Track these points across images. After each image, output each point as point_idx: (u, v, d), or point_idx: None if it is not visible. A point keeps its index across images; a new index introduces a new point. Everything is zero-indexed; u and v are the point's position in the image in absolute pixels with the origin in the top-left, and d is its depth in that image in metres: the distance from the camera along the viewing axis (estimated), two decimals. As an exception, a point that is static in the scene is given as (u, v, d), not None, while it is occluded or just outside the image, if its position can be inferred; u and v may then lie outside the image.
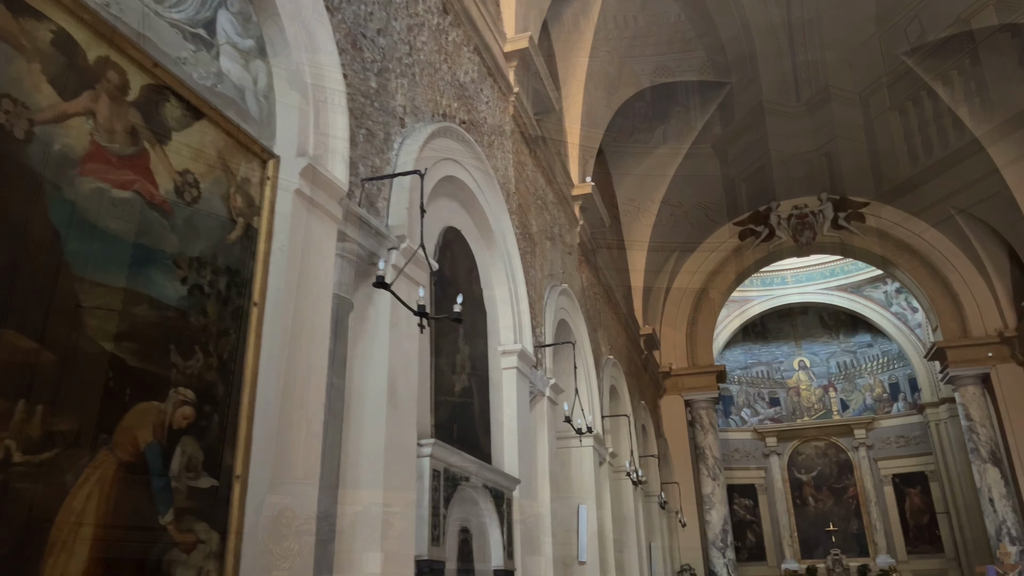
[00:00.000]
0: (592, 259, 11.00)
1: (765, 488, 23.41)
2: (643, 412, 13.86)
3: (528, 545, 5.89)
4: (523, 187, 7.51)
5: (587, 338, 9.11)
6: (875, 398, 23.56)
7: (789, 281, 23.40)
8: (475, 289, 5.80)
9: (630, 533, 11.08)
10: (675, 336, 18.47)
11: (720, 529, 16.65)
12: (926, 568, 21.35)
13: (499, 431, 5.87)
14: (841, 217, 17.91)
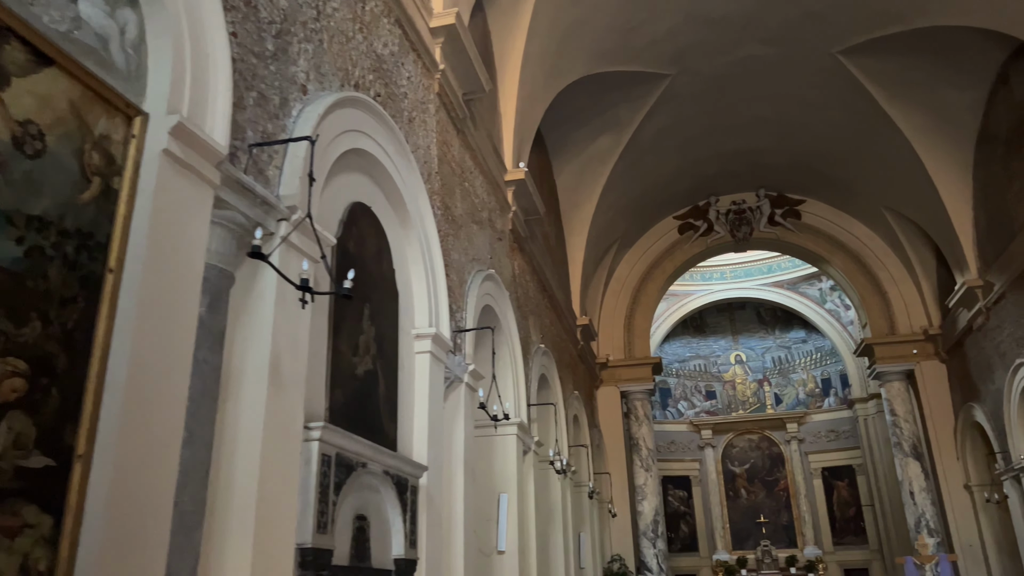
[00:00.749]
0: (526, 247, 10.87)
1: (699, 480, 23.76)
2: (576, 402, 13.83)
3: (436, 534, 5.72)
4: (448, 168, 7.31)
5: (515, 325, 8.98)
6: (808, 393, 24.10)
7: (728, 276, 23.73)
8: (386, 269, 5.59)
9: (556, 523, 11.02)
10: (613, 328, 18.51)
11: (651, 520, 16.78)
12: (851, 559, 21.98)
13: (408, 417, 5.69)
14: (778, 214, 18.17)
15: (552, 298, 12.74)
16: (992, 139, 12.83)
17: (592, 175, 15.14)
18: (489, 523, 8.23)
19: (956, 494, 15.66)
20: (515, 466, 8.45)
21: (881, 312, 17.22)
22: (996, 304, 13.38)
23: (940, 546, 15.46)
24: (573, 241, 15.67)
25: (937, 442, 16.01)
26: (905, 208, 15.90)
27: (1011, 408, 13.00)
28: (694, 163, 16.73)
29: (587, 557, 13.70)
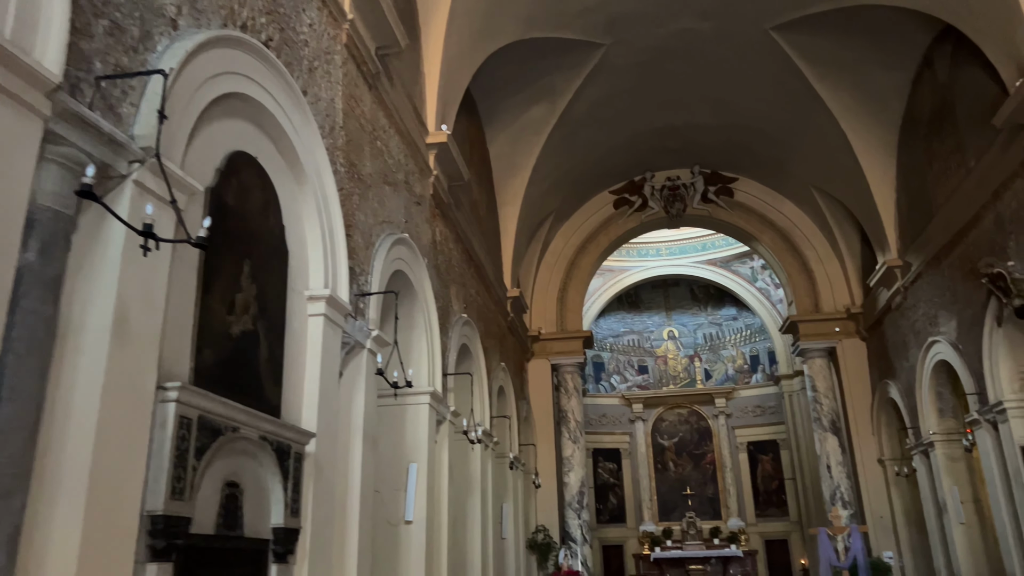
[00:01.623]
0: (450, 213, 10.60)
1: (629, 452, 24.05)
2: (503, 374, 13.71)
3: (325, 502, 5.50)
4: (355, 124, 6.98)
5: (431, 293, 8.74)
6: (736, 369, 24.55)
7: (663, 253, 23.89)
8: (273, 225, 5.27)
9: (475, 493, 10.92)
10: (546, 301, 18.44)
11: (577, 491, 16.89)
12: (772, 530, 22.61)
13: (296, 382, 5.42)
14: (711, 191, 18.26)
15: (479, 268, 12.53)
16: (916, 121, 13.04)
17: (526, 144, 14.90)
18: (398, 493, 8.05)
19: (870, 468, 16.15)
20: (426, 436, 8.26)
21: (806, 290, 17.53)
22: (913, 284, 13.70)
23: (853, 518, 15.95)
24: (506, 212, 15.45)
25: (854, 418, 16.46)
26: (833, 188, 16.14)
27: (923, 385, 13.39)
28: (630, 137, 16.63)
29: (509, 528, 13.69)
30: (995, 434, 10.88)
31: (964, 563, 12.61)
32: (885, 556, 15.47)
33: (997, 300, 10.11)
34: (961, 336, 11.75)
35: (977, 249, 10.94)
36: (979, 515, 12.65)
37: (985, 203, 10.59)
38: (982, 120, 10.26)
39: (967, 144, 11.16)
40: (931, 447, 13.29)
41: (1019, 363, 10.49)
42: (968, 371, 11.50)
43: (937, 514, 13.56)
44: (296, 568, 5.11)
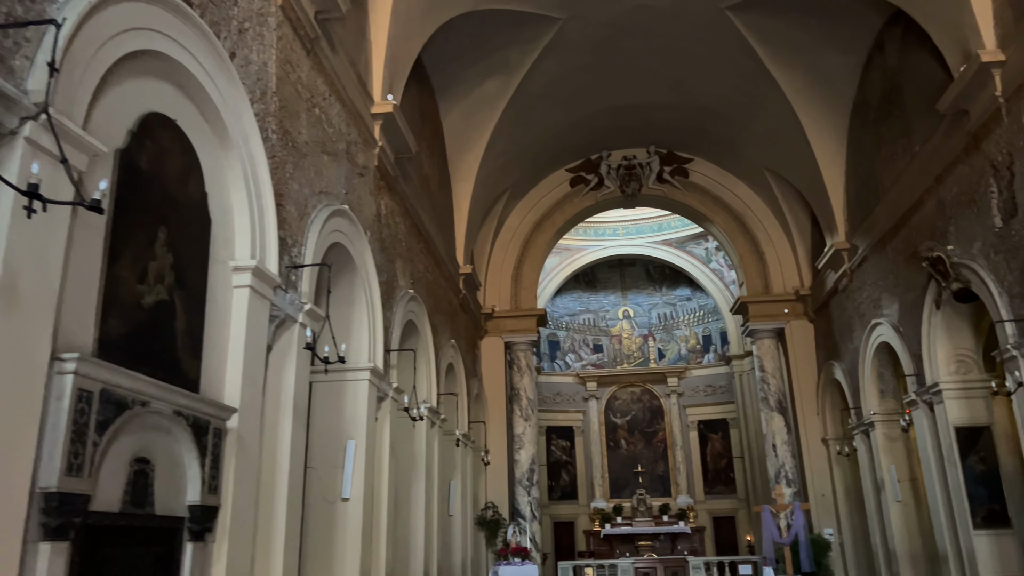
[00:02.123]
0: (397, 187, 10.39)
1: (582, 430, 24.22)
2: (452, 351, 13.60)
3: (248, 479, 5.34)
4: (291, 90, 6.74)
5: (372, 267, 8.55)
6: (689, 349, 24.81)
7: (620, 233, 23.93)
8: (193, 191, 5.04)
9: (419, 470, 10.83)
10: (501, 278, 18.34)
11: (528, 468, 16.93)
12: (720, 507, 23.02)
13: (219, 356, 5.23)
14: (667, 171, 18.27)
15: (429, 243, 12.35)
16: (866, 105, 13.15)
17: (480, 119, 14.69)
18: (335, 470, 7.91)
19: (814, 447, 16.48)
20: (365, 412, 8.12)
21: (757, 272, 17.71)
22: (859, 267, 13.91)
23: (797, 495, 16.27)
24: (459, 187, 15.26)
25: (800, 398, 16.75)
26: (785, 170, 16.26)
27: (865, 366, 13.65)
28: (586, 115, 16.50)
29: (457, 505, 13.66)
30: (931, 415, 11.14)
31: (899, 540, 12.96)
32: (826, 533, 15.84)
33: (936, 283, 10.30)
34: (902, 318, 11.96)
35: (920, 233, 11.11)
36: (915, 494, 12.99)
37: (928, 188, 10.74)
38: (928, 105, 10.36)
39: (913, 129, 11.29)
40: (871, 427, 13.58)
41: (956, 346, 10.72)
42: (908, 353, 11.72)
43: (876, 492, 13.89)
44: (215, 546, 4.97)
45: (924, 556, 12.62)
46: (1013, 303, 8.64)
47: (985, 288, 9.12)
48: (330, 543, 7.73)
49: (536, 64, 13.93)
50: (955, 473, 10.45)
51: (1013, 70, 8.34)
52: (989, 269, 9.10)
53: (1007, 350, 8.64)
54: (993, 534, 10.10)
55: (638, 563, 16.44)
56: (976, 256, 9.40)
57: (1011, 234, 8.62)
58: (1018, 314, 8.54)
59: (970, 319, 10.61)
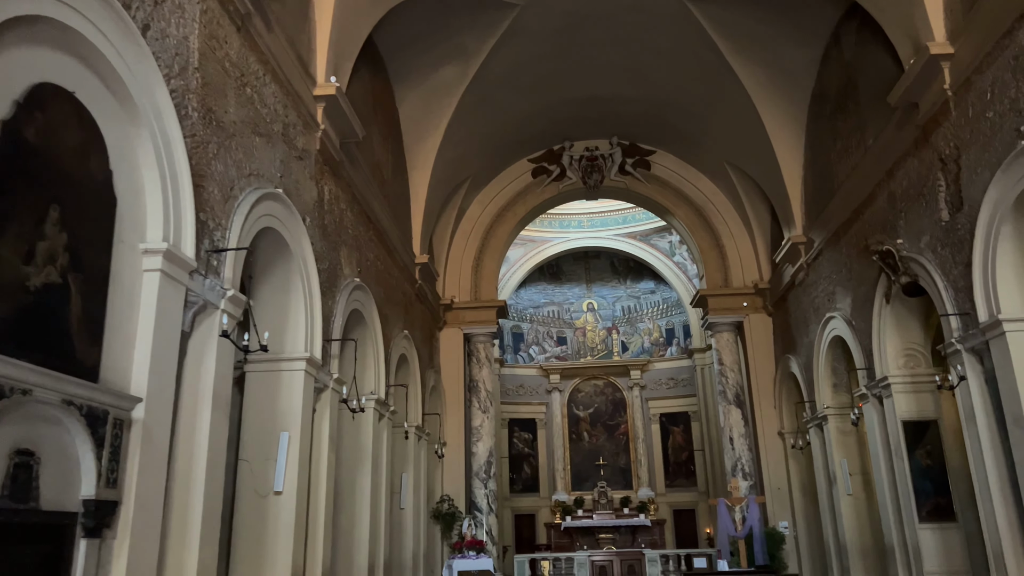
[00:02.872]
0: (343, 172, 10.12)
1: (545, 423, 24.14)
2: (405, 342, 13.36)
3: (153, 473, 5.09)
4: (216, 67, 6.45)
5: (310, 254, 8.29)
6: (652, 342, 24.81)
7: (585, 225, 23.83)
8: (94, 168, 4.76)
9: (365, 463, 10.61)
10: (461, 269, 18.12)
11: (485, 461, 16.78)
12: (680, 500, 23.09)
13: (124, 343, 4.97)
14: (629, 163, 18.15)
15: (380, 232, 12.09)
16: (823, 99, 13.11)
17: (438, 106, 14.43)
18: (268, 463, 7.67)
19: (771, 440, 16.52)
20: (300, 403, 7.88)
21: (717, 265, 17.69)
22: (815, 260, 13.91)
23: (753, 488, 16.30)
24: (416, 176, 14.99)
25: (758, 391, 16.77)
26: (745, 164, 16.22)
27: (819, 360, 13.66)
28: (548, 105, 16.31)
29: (409, 498, 13.46)
30: (880, 409, 11.15)
31: (849, 533, 13.02)
32: (780, 526, 15.91)
33: (887, 277, 10.28)
34: (855, 312, 11.97)
35: (872, 227, 11.10)
36: (866, 488, 13.03)
37: (880, 181, 10.71)
38: (881, 99, 10.30)
39: (867, 122, 11.26)
40: (825, 421, 13.61)
41: (905, 340, 10.73)
42: (859, 347, 11.73)
43: (828, 486, 13.94)
44: (116, 543, 4.72)
45: (873, 549, 12.68)
46: (958, 297, 8.63)
47: (932, 282, 9.11)
48: (261, 537, 7.49)
49: (494, 51, 13.69)
50: (902, 467, 10.47)
51: (961, 63, 8.30)
52: (936, 263, 9.08)
53: (951, 344, 8.63)
54: (938, 528, 10.14)
55: (595, 556, 16.38)
56: (924, 250, 9.38)
57: (956, 228, 8.60)
58: (962, 308, 8.52)
59: (919, 313, 10.62)
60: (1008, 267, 7.73)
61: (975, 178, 8.19)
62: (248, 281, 8.05)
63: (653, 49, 14.27)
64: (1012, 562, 7.82)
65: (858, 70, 11.58)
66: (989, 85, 7.84)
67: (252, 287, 8.04)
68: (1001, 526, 7.97)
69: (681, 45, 13.85)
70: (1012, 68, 7.42)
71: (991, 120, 7.87)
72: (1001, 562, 7.97)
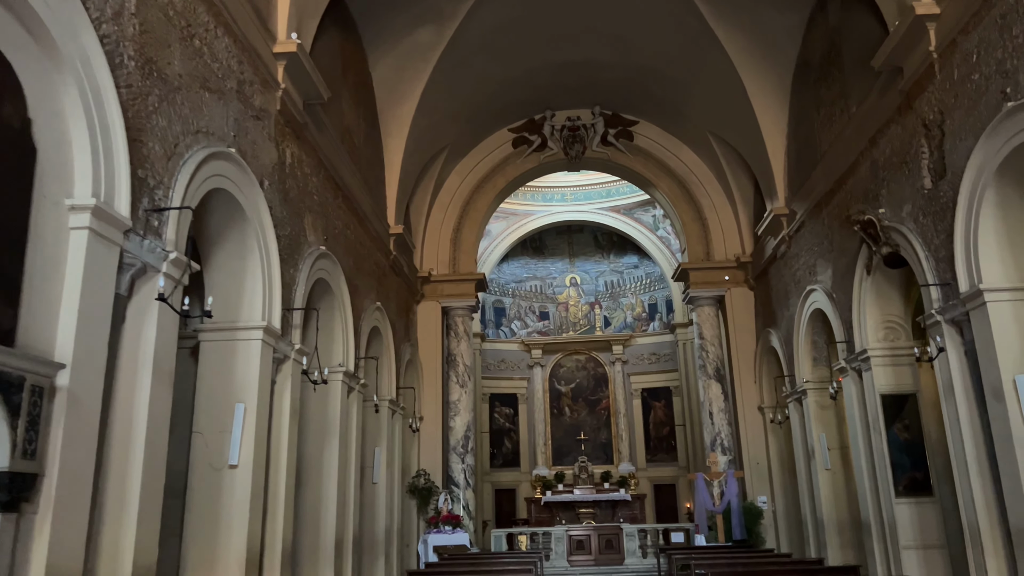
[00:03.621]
0: (307, 135, 9.72)
1: (526, 398, 23.96)
2: (378, 314, 13.04)
3: (83, 444, 4.78)
4: (157, 15, 6.03)
5: (268, 218, 7.93)
6: (635, 317, 24.60)
7: (569, 199, 23.48)
8: (9, 116, 4.40)
9: (332, 436, 10.33)
10: (440, 241, 17.77)
11: (463, 435, 16.56)
12: (661, 475, 23.03)
13: (47, 305, 4.63)
14: (611, 134, 17.78)
15: (350, 199, 11.71)
16: (808, 66, 12.78)
17: (413, 71, 13.98)
18: (223, 435, 7.37)
19: (750, 415, 16.37)
20: (257, 374, 7.57)
21: (699, 238, 17.42)
22: (797, 232, 13.66)
23: (732, 463, 16.19)
24: (391, 143, 14.57)
25: (738, 366, 16.59)
26: (728, 134, 15.89)
27: (799, 334, 13.47)
28: (527, 71, 15.88)
29: (382, 472, 13.22)
30: (859, 382, 10.97)
31: (827, 508, 12.90)
32: (759, 501, 15.82)
33: (868, 248, 10.04)
34: (835, 285, 11.74)
35: (854, 197, 10.84)
36: (844, 462, 12.90)
37: (862, 150, 10.43)
38: (865, 65, 9.99)
39: (850, 89, 10.95)
40: (804, 395, 13.44)
41: (885, 312, 10.52)
42: (839, 319, 11.52)
43: (807, 460, 13.81)
44: (38, 518, 4.42)
45: (850, 524, 12.58)
46: (939, 267, 8.39)
47: (913, 252, 8.87)
48: (216, 513, 7.22)
49: (471, 14, 13.24)
50: (880, 440, 10.31)
51: (947, 24, 7.99)
52: (917, 232, 8.83)
53: (931, 315, 8.41)
54: (914, 502, 10.00)
55: (572, 531, 16.25)
56: (906, 219, 9.13)
57: (939, 195, 8.34)
58: (943, 279, 8.29)
59: (900, 285, 10.40)
60: (990, 235, 7.48)
61: (959, 144, 7.92)
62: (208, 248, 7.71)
63: (634, 14, 13.87)
64: (988, 536, 7.66)
65: (843, 35, 11.24)
66: (975, 46, 7.54)
67: (206, 252, 7.69)
68: (978, 500, 7.80)
69: (663, 10, 13.45)
70: (999, 27, 7.11)
71: (976, 83, 7.58)
72: (977, 537, 7.82)
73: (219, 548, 7.14)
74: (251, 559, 7.27)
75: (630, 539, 16.10)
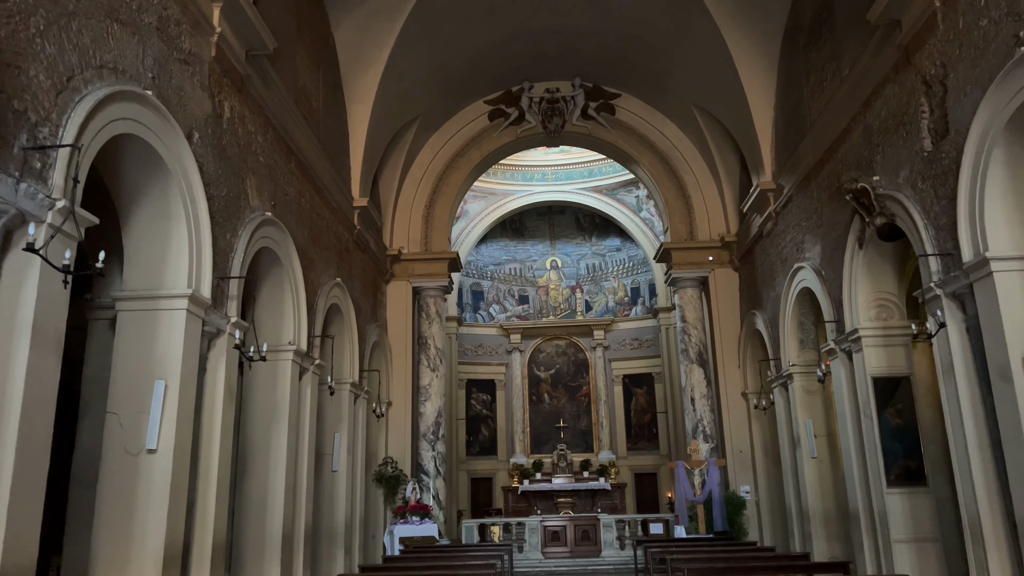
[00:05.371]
0: (253, 90, 8.86)
1: (505, 384, 23.23)
2: (339, 291, 12.21)
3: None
4: (45, -76, 5.16)
5: (196, 174, 7.07)
6: (617, 301, 23.88)
7: (549, 178, 22.68)
8: None
9: (280, 421, 9.51)
10: (411, 218, 16.93)
11: (433, 422, 15.79)
12: (642, 463, 22.38)
13: None
14: (592, 107, 16.97)
15: (305, 166, 10.85)
16: (797, 30, 12.00)
17: (378, 32, 13.09)
18: (141, 416, 6.55)
19: (734, 401, 15.69)
20: (181, 348, 6.74)
21: (683, 217, 16.68)
22: (784, 208, 12.93)
23: (714, 451, 15.53)
24: (356, 109, 13.69)
25: (722, 350, 15.90)
26: (713, 106, 15.12)
27: (786, 315, 12.76)
28: (503, 39, 15.02)
29: (342, 459, 12.43)
30: (849, 365, 10.27)
31: (812, 498, 12.24)
32: (742, 491, 15.17)
33: (860, 219, 9.31)
34: (824, 261, 11.02)
35: (845, 166, 10.10)
36: (831, 450, 12.24)
37: (855, 114, 9.69)
38: (859, 22, 9.24)
39: (843, 51, 10.19)
40: (790, 379, 12.75)
41: (877, 289, 9.80)
42: (828, 298, 10.81)
43: (792, 448, 13.13)
44: None
45: (837, 515, 11.93)
46: (939, 236, 7.67)
47: (910, 220, 8.13)
48: (130, 503, 6.41)
49: (440, -27, 12.40)
50: (871, 427, 9.61)
51: (952, -34, 7.23)
52: (915, 199, 8.10)
53: (930, 288, 7.69)
54: (907, 492, 9.31)
55: (547, 521, 15.52)
56: (902, 186, 8.40)
57: (941, 157, 7.60)
58: (944, 249, 7.57)
59: (893, 260, 9.68)
60: (997, 198, 6.75)
61: (963, 99, 7.17)
62: (127, 207, 6.86)
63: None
64: (990, 531, 6.97)
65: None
66: (984, -12, 6.78)
67: (125, 212, 6.84)
68: (979, 491, 7.10)
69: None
70: (1012, -36, 6.35)
71: (984, 29, 6.82)
72: (978, 531, 7.12)
73: (133, 543, 6.33)
74: (171, 556, 6.47)
75: (607, 530, 15.40)
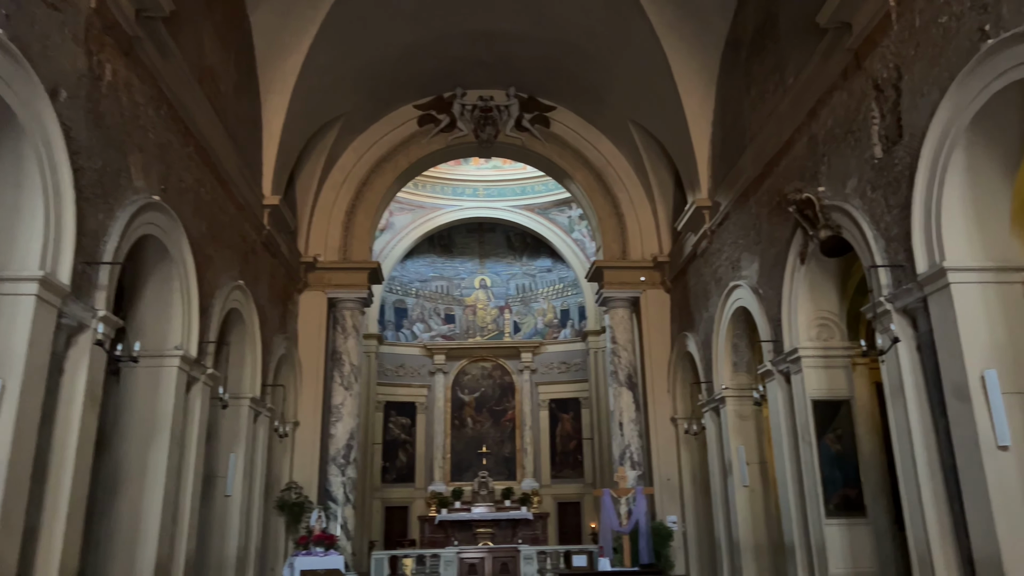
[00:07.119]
0: (143, 56, 7.79)
1: (426, 407, 22.16)
2: (240, 294, 11.05)
3: None
4: None
5: (60, 139, 5.97)
6: (546, 323, 23.24)
7: (481, 194, 21.96)
8: None
9: (161, 436, 8.30)
10: (330, 225, 15.85)
11: (344, 444, 14.61)
12: (566, 492, 21.60)
13: None
14: (527, 118, 16.36)
15: (206, 153, 9.75)
16: (738, 43, 11.66)
17: (299, 19, 12.14)
18: (-34, 423, 5.35)
19: (663, 426, 15.11)
20: (25, 342, 5.59)
21: (615, 236, 16.16)
22: (720, 226, 12.50)
23: (642, 479, 14.86)
24: (271, 101, 12.63)
25: (651, 373, 15.34)
26: (649, 122, 14.70)
27: (719, 336, 12.26)
28: (436, 38, 14.26)
29: (237, 482, 11.17)
30: (787, 387, 9.75)
31: (743, 529, 11.64)
32: (669, 521, 14.50)
33: (803, 233, 8.84)
34: (762, 279, 10.55)
35: (788, 178, 9.66)
36: (764, 479, 11.71)
37: (799, 125, 9.28)
38: (805, 30, 8.88)
39: (787, 60, 9.81)
40: (722, 403, 12.21)
41: (818, 308, 9.34)
42: (765, 317, 10.32)
43: (723, 476, 12.56)
44: None
45: (769, 548, 11.37)
46: (890, 247, 7.20)
47: (858, 232, 7.67)
48: (-56, 530, 5.17)
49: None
50: (809, 453, 9.07)
51: (908, -37, 6.85)
52: (864, 209, 7.65)
53: (880, 303, 7.19)
54: (846, 523, 8.77)
55: (464, 553, 14.52)
56: (850, 196, 7.95)
57: (893, 164, 7.16)
58: (895, 260, 7.10)
59: (836, 277, 9.25)
60: (956, 205, 6.31)
61: (919, 101, 6.75)
62: None
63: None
64: (942, 566, 6.41)
65: (780, 3, 10.12)
66: (943, -17, 6.39)
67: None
68: (930, 522, 6.55)
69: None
70: (975, -45, 5.97)
71: (944, 26, 6.42)
72: (928, 566, 6.56)
73: (-57, 580, 5.10)
74: (-5, 595, 5.26)
75: (528, 563, 14.48)
